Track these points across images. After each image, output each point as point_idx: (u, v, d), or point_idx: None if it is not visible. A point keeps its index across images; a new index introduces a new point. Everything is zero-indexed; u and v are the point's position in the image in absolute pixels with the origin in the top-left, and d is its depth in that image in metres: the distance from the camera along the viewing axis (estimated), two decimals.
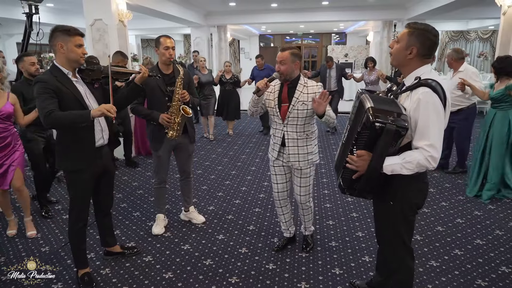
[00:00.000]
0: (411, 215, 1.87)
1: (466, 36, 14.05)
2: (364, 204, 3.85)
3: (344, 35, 17.43)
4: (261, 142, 6.62)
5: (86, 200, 2.50)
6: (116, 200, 4.08)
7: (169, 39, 3.02)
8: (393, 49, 1.80)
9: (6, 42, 10.52)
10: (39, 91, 2.21)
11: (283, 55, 2.53)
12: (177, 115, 2.99)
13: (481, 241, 3.10)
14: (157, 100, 3.03)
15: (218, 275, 2.69)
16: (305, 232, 3.04)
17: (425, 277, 2.61)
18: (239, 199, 4.08)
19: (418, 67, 1.75)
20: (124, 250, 2.94)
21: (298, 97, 2.57)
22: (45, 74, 2.30)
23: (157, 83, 2.99)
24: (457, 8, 7.88)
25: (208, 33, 10.71)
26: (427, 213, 3.63)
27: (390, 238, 1.94)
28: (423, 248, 3.00)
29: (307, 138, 2.65)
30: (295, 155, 2.66)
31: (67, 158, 2.38)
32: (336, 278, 2.63)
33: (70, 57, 2.29)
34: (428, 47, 1.71)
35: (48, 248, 3.06)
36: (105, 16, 5.30)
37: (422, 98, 1.64)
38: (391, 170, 1.68)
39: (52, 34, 2.28)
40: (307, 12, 9.91)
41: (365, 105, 1.67)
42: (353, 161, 1.73)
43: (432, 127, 1.64)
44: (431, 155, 1.63)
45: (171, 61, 3.04)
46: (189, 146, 3.27)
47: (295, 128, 2.61)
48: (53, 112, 2.16)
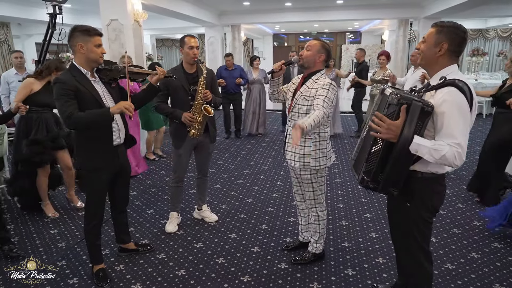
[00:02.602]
0: (428, 218, 1.84)
1: (485, 34, 13.72)
2: (378, 205, 3.81)
3: (359, 34, 17.26)
4: (274, 141, 6.61)
5: (102, 198, 2.53)
6: (130, 197, 4.13)
7: (194, 39, 3.04)
8: (421, 48, 1.78)
9: (25, 42, 10.78)
10: (59, 92, 2.23)
11: (312, 42, 2.47)
12: (199, 114, 3.02)
13: (499, 244, 3.03)
14: (180, 98, 3.07)
15: (231, 273, 2.70)
16: (308, 246, 2.80)
17: (440, 280, 2.57)
18: (251, 198, 4.09)
19: (447, 66, 1.73)
20: (138, 247, 2.98)
21: (303, 91, 2.45)
22: (64, 74, 2.32)
23: (180, 82, 3.03)
24: (476, 5, 7.70)
25: (222, 32, 10.75)
26: (443, 215, 3.57)
27: (406, 241, 1.91)
28: (438, 250, 2.95)
29: (306, 139, 2.44)
30: (291, 153, 2.52)
31: (86, 157, 2.42)
32: (349, 279, 2.61)
33: (90, 57, 2.31)
34: (458, 43, 1.70)
35: (64, 244, 3.13)
36: (121, 16, 5.38)
37: (448, 98, 1.62)
38: (416, 149, 1.61)
39: (72, 34, 2.30)
40: (322, 11, 9.85)
41: (388, 93, 1.73)
42: (384, 123, 1.63)
43: (458, 127, 1.60)
44: (459, 152, 1.59)
45: (195, 61, 3.06)
46: (210, 145, 3.31)
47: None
48: (74, 114, 2.20)
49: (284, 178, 4.70)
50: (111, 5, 5.38)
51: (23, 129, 3.44)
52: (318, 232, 2.70)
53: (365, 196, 4.06)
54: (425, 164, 1.74)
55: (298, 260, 2.78)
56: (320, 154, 2.47)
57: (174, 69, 3.14)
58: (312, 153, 2.45)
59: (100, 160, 2.42)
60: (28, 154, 3.36)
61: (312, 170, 2.50)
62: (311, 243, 2.78)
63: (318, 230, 2.69)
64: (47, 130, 3.45)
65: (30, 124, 3.42)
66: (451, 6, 7.48)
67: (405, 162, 1.68)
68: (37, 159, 3.39)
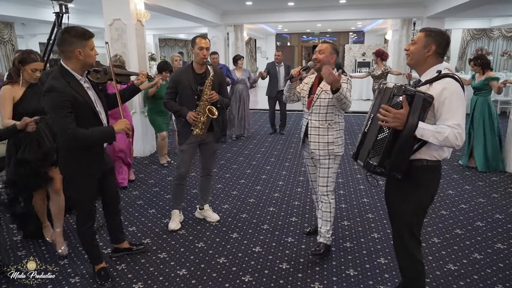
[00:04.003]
0: (427, 206, 2.01)
1: (489, 34, 13.61)
2: (380, 205, 3.79)
3: (362, 34, 17.21)
4: (276, 141, 6.60)
5: (93, 201, 2.51)
6: (132, 197, 4.15)
7: (204, 40, 3.06)
8: (410, 49, 1.98)
9: (29, 42, 10.81)
10: (56, 104, 2.10)
11: (324, 45, 2.73)
12: (203, 114, 3.07)
13: (502, 245, 3.01)
14: (186, 97, 3.13)
15: (232, 273, 2.70)
16: (319, 238, 2.87)
17: (443, 281, 2.55)
18: (253, 198, 4.08)
19: (434, 65, 1.93)
20: (132, 246, 2.95)
21: (323, 87, 2.70)
22: (58, 81, 2.15)
23: (188, 81, 3.09)
24: (479, 5, 7.64)
25: (224, 32, 10.74)
26: (445, 215, 3.55)
27: (401, 229, 2.04)
28: (441, 251, 2.93)
29: (329, 128, 2.73)
30: (316, 143, 2.75)
31: (78, 164, 2.33)
32: (351, 280, 2.60)
33: (87, 62, 2.22)
34: (443, 47, 1.93)
35: (66, 242, 3.13)
36: (123, 16, 5.38)
37: (448, 86, 1.82)
38: (422, 134, 1.79)
39: (65, 40, 2.13)
40: (324, 10, 9.81)
41: (390, 86, 1.92)
42: (390, 113, 1.80)
43: (458, 110, 1.80)
44: (459, 132, 1.77)
45: (205, 61, 3.10)
46: (214, 144, 3.34)
47: (318, 116, 2.74)
48: (78, 131, 2.13)
49: (286, 178, 4.69)
50: (113, 5, 5.38)
51: (12, 145, 2.81)
52: (329, 221, 2.83)
53: (367, 197, 4.05)
54: (430, 150, 1.90)
55: (313, 252, 2.83)
56: (340, 142, 2.78)
57: (184, 68, 3.22)
58: (335, 140, 2.74)
59: (94, 166, 2.39)
60: (14, 177, 2.80)
61: (332, 155, 2.75)
62: (321, 234, 2.86)
63: (329, 219, 2.82)
64: (38, 144, 2.77)
65: (18, 138, 2.74)
66: (454, 6, 7.41)
67: (410, 147, 1.86)
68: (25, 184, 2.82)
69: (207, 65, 3.16)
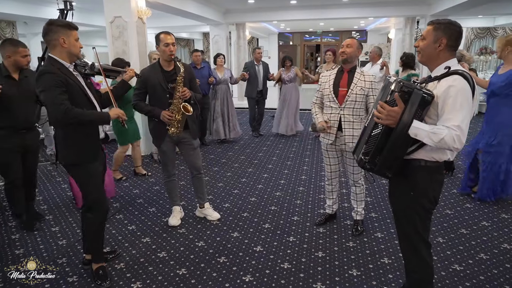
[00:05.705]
0: (429, 208, 1.90)
1: (493, 33, 13.51)
2: (383, 205, 3.74)
3: (365, 33, 17.13)
4: (278, 140, 6.55)
5: (102, 188, 2.50)
6: (132, 195, 4.11)
7: (169, 36, 2.99)
8: (420, 46, 1.86)
9: (31, 40, 10.80)
10: (49, 83, 2.14)
11: (351, 40, 2.90)
12: (178, 112, 3.01)
13: (508, 245, 2.95)
14: (158, 97, 3.05)
15: (232, 273, 2.65)
16: (356, 217, 3.21)
17: (448, 282, 2.50)
18: (255, 196, 4.03)
19: (446, 60, 1.82)
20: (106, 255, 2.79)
21: (357, 82, 2.86)
22: (48, 67, 2.21)
23: (158, 80, 3.01)
24: (483, 3, 7.57)
25: (227, 31, 10.70)
26: (450, 215, 3.49)
27: (407, 231, 1.95)
28: (446, 251, 2.87)
29: (361, 122, 2.86)
30: (350, 136, 2.89)
31: (80, 151, 2.34)
32: (353, 280, 2.55)
33: (71, 51, 2.26)
34: (455, 38, 1.80)
35: (65, 241, 3.10)
36: (124, 14, 5.34)
37: (454, 83, 1.70)
38: (416, 133, 1.71)
39: (50, 29, 2.21)
40: (327, 9, 9.76)
41: (391, 81, 1.82)
42: (385, 110, 1.74)
43: (461, 111, 1.68)
44: (458, 135, 1.67)
45: (172, 58, 3.01)
46: (193, 141, 3.26)
47: (352, 111, 2.87)
48: (73, 109, 2.16)
49: (288, 176, 4.64)
50: (115, 2, 5.35)
51: None
52: (364, 200, 3.21)
53: (371, 196, 3.99)
54: (428, 151, 1.81)
55: (355, 231, 3.16)
56: None
57: (151, 67, 3.12)
58: None
59: (95, 151, 2.43)
60: None
61: None
62: (358, 212, 3.20)
63: (363, 198, 3.20)
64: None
65: None
66: (458, 3, 7.35)
67: (402, 147, 1.78)
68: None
69: (175, 61, 3.04)
